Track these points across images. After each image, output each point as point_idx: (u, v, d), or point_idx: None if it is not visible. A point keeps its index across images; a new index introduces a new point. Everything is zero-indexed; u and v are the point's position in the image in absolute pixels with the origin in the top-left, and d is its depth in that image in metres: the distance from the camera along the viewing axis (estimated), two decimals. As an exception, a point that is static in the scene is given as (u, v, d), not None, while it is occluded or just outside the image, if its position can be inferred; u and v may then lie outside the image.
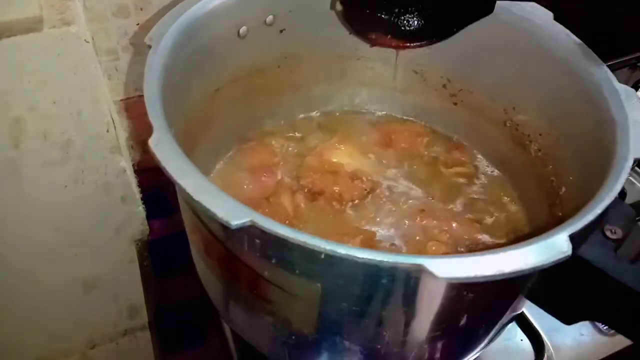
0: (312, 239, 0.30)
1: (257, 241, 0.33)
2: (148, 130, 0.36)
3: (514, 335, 0.54)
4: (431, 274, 0.29)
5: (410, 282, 0.33)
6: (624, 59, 0.76)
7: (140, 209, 0.53)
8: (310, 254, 0.31)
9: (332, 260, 0.31)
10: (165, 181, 0.33)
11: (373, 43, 0.53)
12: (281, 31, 0.53)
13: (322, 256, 0.30)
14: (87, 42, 0.42)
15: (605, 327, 0.55)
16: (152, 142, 0.34)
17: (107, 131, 0.46)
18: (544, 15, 0.48)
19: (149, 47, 0.41)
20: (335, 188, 0.50)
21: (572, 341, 0.54)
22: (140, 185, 0.54)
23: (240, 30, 0.49)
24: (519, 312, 0.45)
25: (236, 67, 0.52)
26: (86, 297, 0.53)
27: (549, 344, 0.53)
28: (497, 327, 0.43)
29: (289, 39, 0.53)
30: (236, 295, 0.43)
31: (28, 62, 0.40)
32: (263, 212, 0.48)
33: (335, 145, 0.55)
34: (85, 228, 0.50)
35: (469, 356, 0.44)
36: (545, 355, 0.52)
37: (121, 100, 0.59)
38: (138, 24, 0.57)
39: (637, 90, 0.75)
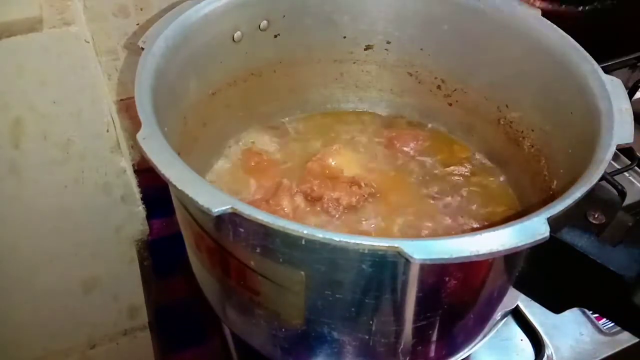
0: (291, 224, 0.30)
1: (241, 230, 0.34)
2: (148, 130, 0.36)
3: (513, 335, 0.54)
4: (408, 256, 0.29)
5: (390, 266, 0.33)
6: (624, 59, 0.76)
7: (140, 209, 0.53)
8: (291, 240, 0.31)
9: (312, 245, 0.31)
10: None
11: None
12: (275, 36, 0.53)
13: (302, 242, 0.31)
14: (87, 42, 0.42)
15: (605, 327, 0.55)
16: (140, 135, 0.35)
17: (107, 131, 0.46)
18: (532, 12, 0.48)
19: (142, 49, 0.41)
20: (333, 194, 0.50)
21: (572, 341, 0.54)
22: (140, 185, 0.54)
23: (235, 35, 0.50)
24: (512, 307, 0.45)
25: (232, 71, 0.52)
26: (86, 297, 0.53)
27: (548, 343, 0.53)
28: (489, 320, 0.42)
29: (284, 44, 0.54)
30: (228, 290, 0.43)
31: (28, 62, 0.40)
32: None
33: (335, 150, 0.55)
34: (85, 228, 0.50)
35: (463, 351, 0.44)
36: (545, 355, 0.52)
37: (121, 100, 0.59)
38: (138, 24, 0.57)
39: (637, 90, 0.75)
